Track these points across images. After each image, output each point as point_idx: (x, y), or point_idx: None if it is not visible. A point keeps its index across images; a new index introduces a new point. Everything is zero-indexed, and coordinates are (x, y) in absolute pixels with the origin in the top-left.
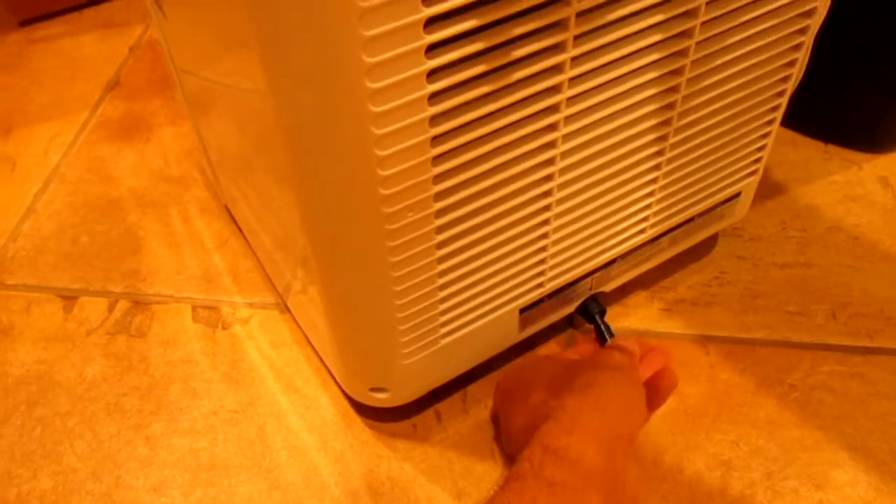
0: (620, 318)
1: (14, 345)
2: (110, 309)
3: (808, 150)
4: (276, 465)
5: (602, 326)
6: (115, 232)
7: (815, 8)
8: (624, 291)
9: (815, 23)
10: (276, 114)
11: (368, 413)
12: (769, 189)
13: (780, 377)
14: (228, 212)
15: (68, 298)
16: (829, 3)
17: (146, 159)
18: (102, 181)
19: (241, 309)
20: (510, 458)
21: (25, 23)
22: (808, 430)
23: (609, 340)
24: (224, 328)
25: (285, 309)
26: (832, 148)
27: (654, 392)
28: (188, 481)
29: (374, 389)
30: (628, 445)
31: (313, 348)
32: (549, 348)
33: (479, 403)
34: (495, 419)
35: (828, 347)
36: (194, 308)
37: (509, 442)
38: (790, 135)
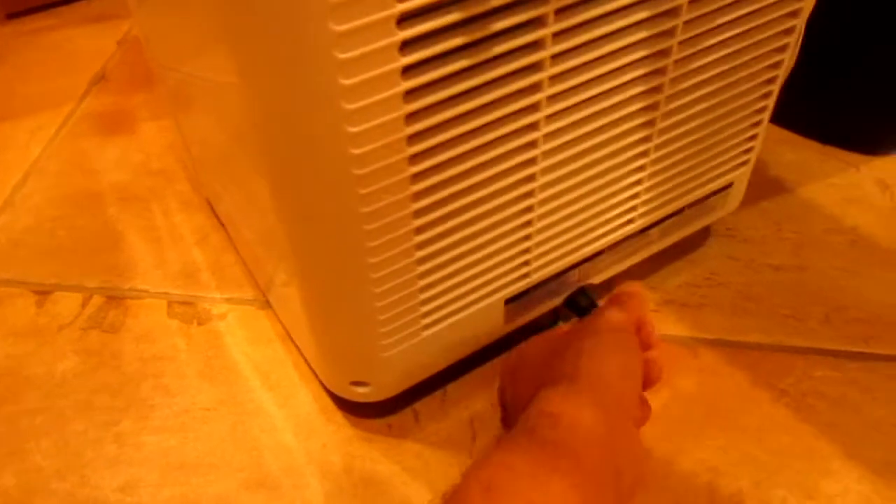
0: None
1: None
2: (84, 304)
3: (805, 150)
4: (248, 465)
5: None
6: (94, 226)
7: None
8: (609, 289)
9: (807, 5)
10: (248, 105)
11: (346, 411)
12: (764, 189)
13: (772, 382)
14: (210, 206)
15: (41, 293)
16: None
17: (129, 153)
18: (84, 174)
19: (218, 304)
20: None
21: (13, 16)
22: (799, 436)
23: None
24: (200, 324)
25: (264, 305)
26: (830, 149)
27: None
28: (157, 480)
29: (354, 383)
30: (630, 409)
31: (294, 344)
32: None
33: (459, 404)
34: (502, 398)
35: (821, 352)
36: (170, 303)
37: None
38: (787, 135)
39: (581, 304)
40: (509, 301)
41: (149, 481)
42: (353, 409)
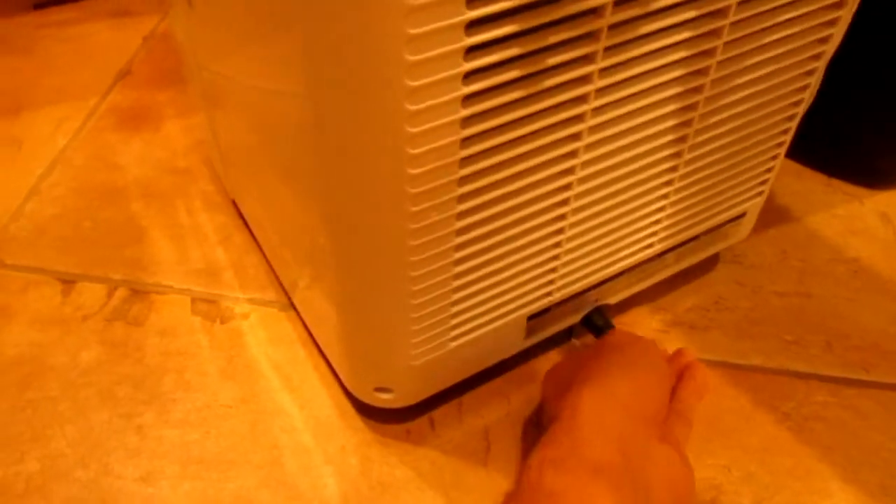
0: None
1: (9, 325)
2: (109, 295)
3: (811, 182)
4: (267, 463)
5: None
6: (118, 219)
7: (830, 35)
8: (623, 309)
9: (830, 49)
10: (311, 112)
11: (364, 415)
12: (772, 218)
13: (775, 404)
14: (235, 206)
15: (67, 282)
16: (844, 31)
17: (153, 149)
18: (108, 168)
19: (241, 304)
20: None
21: (40, 6)
22: (799, 458)
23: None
24: (223, 322)
25: (286, 307)
26: (835, 182)
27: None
28: (177, 473)
29: (378, 389)
30: (650, 428)
31: (317, 346)
32: (549, 359)
33: (475, 413)
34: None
35: (822, 378)
36: (194, 300)
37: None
38: (795, 166)
39: (597, 322)
40: (531, 317)
41: (169, 474)
42: (372, 414)
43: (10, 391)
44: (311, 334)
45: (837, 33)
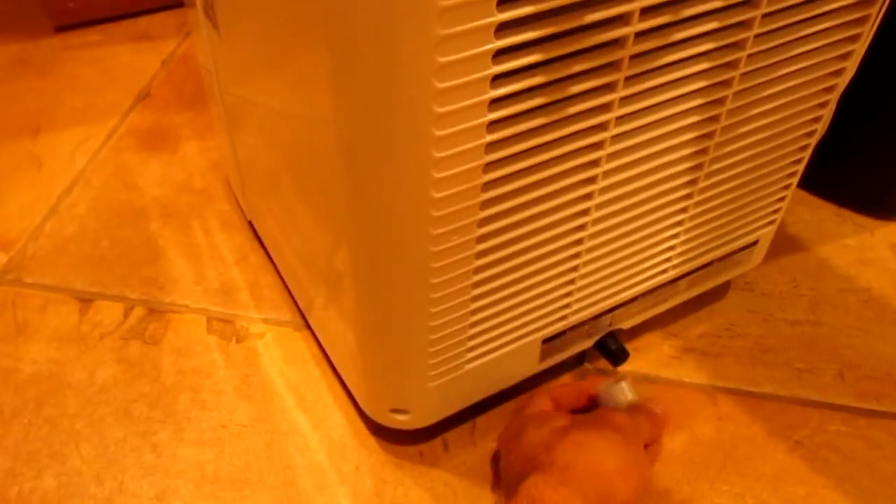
0: (630, 361)
1: (27, 342)
2: (126, 314)
3: (822, 212)
4: (282, 483)
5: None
6: (136, 239)
7: (843, 68)
8: (635, 334)
9: (842, 82)
10: (337, 135)
11: (378, 436)
12: (783, 247)
13: (787, 433)
14: (252, 227)
15: (84, 301)
16: (857, 64)
17: (171, 171)
18: (127, 188)
19: (256, 324)
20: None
21: (61, 29)
22: (812, 487)
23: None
24: (238, 342)
25: (300, 327)
26: (845, 212)
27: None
28: (192, 492)
29: (394, 411)
30: None
31: (331, 366)
32: (562, 383)
33: (487, 435)
34: (496, 461)
35: (835, 407)
36: (209, 320)
37: (504, 487)
38: (806, 196)
39: (610, 347)
40: (546, 341)
41: (184, 493)
42: (385, 435)
43: (28, 408)
44: (325, 354)
45: (851, 66)
